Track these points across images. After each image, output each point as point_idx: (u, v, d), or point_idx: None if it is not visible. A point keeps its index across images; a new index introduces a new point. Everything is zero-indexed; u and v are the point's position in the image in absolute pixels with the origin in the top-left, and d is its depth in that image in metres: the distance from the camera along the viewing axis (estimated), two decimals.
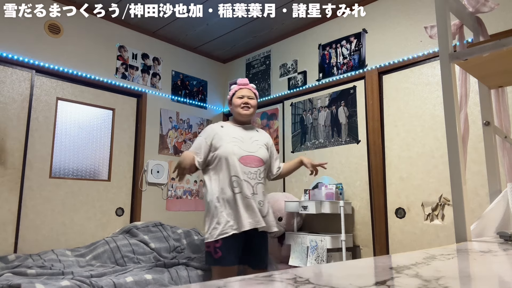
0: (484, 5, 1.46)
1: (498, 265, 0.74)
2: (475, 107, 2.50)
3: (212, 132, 2.36)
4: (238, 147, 2.28)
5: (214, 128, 2.39)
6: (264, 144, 2.41)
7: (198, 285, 0.46)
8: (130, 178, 3.70)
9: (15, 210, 2.96)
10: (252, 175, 2.25)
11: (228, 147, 2.26)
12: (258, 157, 2.31)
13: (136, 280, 2.27)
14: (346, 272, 0.60)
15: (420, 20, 2.98)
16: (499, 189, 1.48)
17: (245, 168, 2.24)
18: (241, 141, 2.31)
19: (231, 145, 2.27)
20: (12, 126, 3.02)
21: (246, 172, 2.24)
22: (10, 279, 2.07)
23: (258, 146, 2.36)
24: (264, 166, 2.34)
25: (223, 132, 2.34)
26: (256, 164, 2.29)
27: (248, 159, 2.27)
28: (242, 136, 2.35)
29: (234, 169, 2.22)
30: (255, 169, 2.27)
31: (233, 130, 2.38)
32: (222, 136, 2.31)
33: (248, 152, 2.28)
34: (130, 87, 3.75)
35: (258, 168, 2.29)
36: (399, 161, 3.01)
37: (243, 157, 2.25)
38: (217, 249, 2.17)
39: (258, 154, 2.32)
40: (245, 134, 2.38)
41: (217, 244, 2.17)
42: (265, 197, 2.35)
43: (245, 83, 2.48)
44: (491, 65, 1.26)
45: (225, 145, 2.27)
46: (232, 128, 2.40)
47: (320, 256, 2.92)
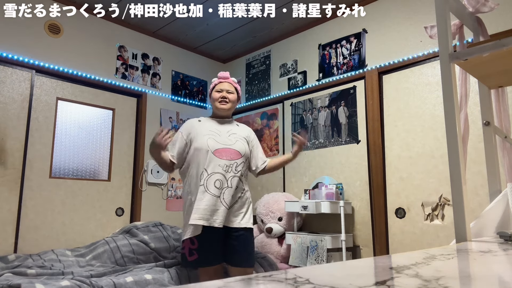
0: (484, 5, 1.46)
1: (498, 265, 0.74)
2: (475, 107, 2.50)
3: (190, 126, 2.31)
4: (213, 139, 2.21)
5: (192, 122, 2.35)
6: (243, 137, 2.33)
7: (198, 285, 0.46)
8: (130, 178, 3.70)
9: (15, 210, 2.96)
10: (227, 168, 2.17)
11: (203, 140, 2.20)
12: (234, 149, 2.23)
13: (136, 280, 2.27)
14: (346, 272, 0.60)
15: (420, 20, 2.98)
16: (499, 189, 1.48)
17: (220, 161, 2.16)
18: (218, 135, 2.25)
19: (206, 138, 2.21)
20: (12, 126, 3.02)
21: (221, 165, 2.16)
22: (10, 279, 2.07)
23: (236, 139, 2.28)
24: (241, 159, 2.25)
25: (201, 126, 2.29)
26: (231, 156, 2.20)
27: (224, 151, 2.19)
28: (219, 129, 2.29)
29: (206, 163, 2.16)
30: (231, 162, 2.19)
31: (211, 124, 2.33)
32: (199, 130, 2.26)
33: (223, 145, 2.21)
34: (130, 87, 3.75)
35: (234, 161, 2.20)
36: (399, 161, 3.01)
37: (217, 150, 2.18)
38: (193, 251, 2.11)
39: (234, 147, 2.24)
40: (223, 128, 2.31)
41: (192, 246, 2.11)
42: (243, 191, 2.26)
43: (225, 76, 2.41)
44: (491, 65, 1.26)
45: (200, 138, 2.22)
46: (210, 122, 2.35)
47: (320, 256, 2.92)
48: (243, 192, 2.26)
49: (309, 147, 3.64)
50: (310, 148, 3.63)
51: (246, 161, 2.30)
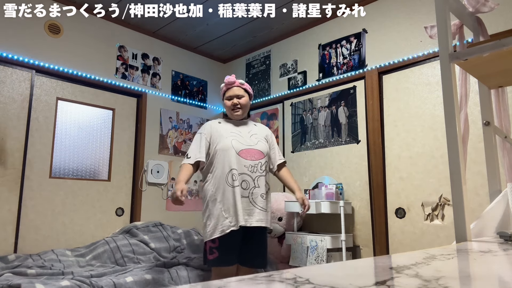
0: (484, 5, 1.46)
1: (498, 265, 0.74)
2: (475, 107, 2.50)
3: (210, 128, 2.35)
4: (237, 141, 2.26)
5: (212, 124, 2.39)
6: (263, 137, 2.39)
7: (198, 285, 0.46)
8: (130, 178, 3.70)
9: (15, 210, 2.96)
10: (253, 168, 2.23)
11: (227, 141, 2.24)
12: (258, 150, 2.28)
13: (136, 280, 2.27)
14: (346, 272, 0.60)
15: (420, 20, 2.98)
16: (499, 189, 1.48)
17: (245, 161, 2.21)
18: (240, 135, 2.30)
19: (230, 139, 2.25)
20: (12, 126, 3.02)
21: (246, 166, 2.21)
22: (10, 279, 2.07)
23: (257, 139, 2.33)
24: (265, 158, 2.31)
25: (221, 128, 2.34)
26: (256, 157, 2.26)
27: (248, 152, 2.24)
28: (240, 130, 2.34)
29: (233, 163, 2.19)
30: (256, 162, 2.24)
31: (230, 125, 2.37)
32: (221, 131, 2.30)
33: (247, 145, 2.26)
34: (130, 87, 3.75)
35: (259, 161, 2.26)
36: (399, 161, 3.01)
37: (242, 151, 2.23)
38: (213, 249, 2.13)
39: (257, 147, 2.29)
40: (243, 129, 2.36)
41: (214, 244, 2.13)
42: (268, 191, 2.31)
43: (231, 82, 2.39)
44: (491, 65, 1.26)
45: (224, 140, 2.25)
46: (229, 123, 2.39)
47: (320, 256, 2.92)
48: (268, 192, 2.30)
49: (309, 147, 3.64)
50: (310, 148, 3.63)
51: (268, 160, 2.36)
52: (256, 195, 2.20)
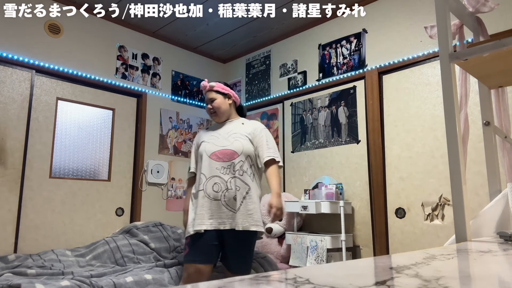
0: (484, 5, 1.46)
1: (498, 265, 0.74)
2: (475, 107, 2.50)
3: (198, 136, 2.40)
4: (212, 143, 2.23)
5: (200, 132, 2.43)
6: (245, 134, 2.23)
7: (198, 285, 0.46)
8: (130, 178, 3.70)
9: (15, 210, 2.96)
10: (225, 170, 2.14)
11: (202, 146, 2.25)
12: (231, 150, 2.16)
13: (136, 280, 2.27)
14: (346, 272, 0.60)
15: (420, 20, 2.98)
16: (499, 189, 1.48)
17: (216, 163, 2.15)
18: (217, 138, 2.25)
19: (205, 144, 2.24)
20: (12, 126, 3.02)
21: (218, 168, 2.14)
22: (10, 279, 2.07)
23: (235, 138, 2.21)
24: (239, 158, 2.15)
25: (205, 134, 2.34)
26: (228, 157, 2.15)
27: (220, 153, 2.17)
28: (220, 132, 2.29)
29: (203, 168, 2.18)
30: (228, 163, 2.15)
31: (215, 128, 2.35)
32: (202, 137, 2.32)
33: (220, 146, 2.19)
34: (130, 87, 3.75)
35: (231, 162, 2.15)
36: (399, 161, 3.01)
37: (214, 153, 2.18)
38: (186, 246, 2.17)
39: (231, 147, 2.17)
40: (224, 130, 2.30)
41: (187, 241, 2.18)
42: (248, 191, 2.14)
43: (203, 87, 2.35)
44: (491, 65, 1.26)
45: (202, 145, 2.26)
46: (215, 127, 2.37)
47: (320, 256, 2.92)
48: (247, 193, 2.15)
49: (309, 147, 3.64)
50: (310, 148, 3.63)
51: (247, 159, 2.18)
52: (228, 198, 2.11)
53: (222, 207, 2.11)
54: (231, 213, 2.11)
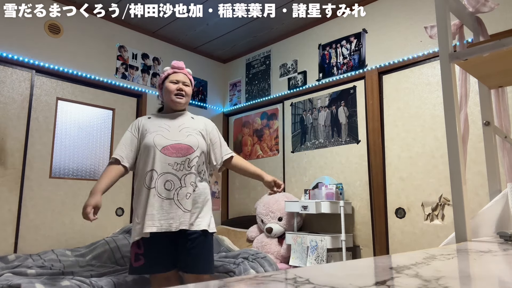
0: (484, 5, 1.46)
1: (498, 265, 0.74)
2: (475, 107, 2.50)
3: (139, 124, 2.10)
4: (162, 136, 2.00)
5: (140, 119, 2.14)
6: (198, 130, 2.10)
7: (198, 285, 0.46)
8: (130, 178, 3.70)
9: (15, 210, 2.96)
10: (179, 166, 1.96)
11: (150, 138, 1.99)
12: (185, 144, 2.00)
13: (136, 280, 2.27)
14: (346, 272, 0.60)
15: (420, 20, 2.98)
16: (499, 189, 1.48)
17: (169, 159, 1.95)
18: (167, 131, 2.03)
19: (153, 135, 2.00)
20: (12, 126, 3.02)
21: (171, 164, 1.95)
22: (10, 279, 2.07)
23: (188, 132, 2.05)
24: (195, 153, 2.01)
25: (149, 123, 2.08)
26: (182, 153, 1.98)
27: (173, 148, 1.97)
28: (170, 125, 2.07)
29: (153, 163, 1.95)
30: (183, 159, 1.97)
31: (161, 120, 2.10)
32: (148, 127, 2.05)
33: (173, 140, 1.99)
34: (130, 87, 3.75)
35: (186, 157, 1.98)
36: (399, 161, 3.01)
37: (166, 147, 1.97)
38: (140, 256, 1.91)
39: (186, 141, 2.01)
40: (174, 123, 2.09)
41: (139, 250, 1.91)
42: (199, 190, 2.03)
43: (180, 66, 2.16)
44: (491, 65, 1.26)
45: (148, 136, 2.01)
46: (160, 118, 2.12)
47: (320, 256, 2.92)
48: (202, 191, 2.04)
49: (309, 147, 3.64)
50: (310, 148, 3.63)
51: (201, 155, 2.05)
52: (181, 196, 1.93)
53: (174, 206, 1.92)
54: (184, 213, 1.93)
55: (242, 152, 4.26)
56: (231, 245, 3.19)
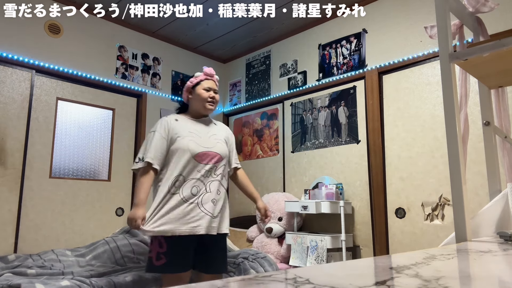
0: (484, 5, 1.46)
1: (498, 265, 0.74)
2: (475, 107, 2.50)
3: (167, 125, 2.10)
4: (195, 142, 2.06)
5: (168, 121, 2.12)
6: (223, 138, 2.20)
7: (198, 285, 0.46)
8: (130, 178, 3.70)
9: (15, 210, 2.96)
10: (207, 173, 2.05)
11: (184, 143, 2.04)
12: (216, 152, 2.09)
13: (136, 280, 2.27)
14: (346, 272, 0.60)
15: (420, 20, 2.98)
16: (499, 189, 1.48)
17: (200, 165, 2.03)
18: (199, 137, 2.09)
19: (187, 141, 2.04)
20: (12, 126, 3.02)
21: (199, 170, 2.03)
22: (10, 279, 2.07)
23: (216, 140, 2.14)
24: (222, 161, 2.13)
25: (178, 126, 2.10)
26: (213, 160, 2.07)
27: (205, 155, 2.05)
28: (199, 130, 2.13)
29: (184, 168, 2.01)
30: (211, 166, 2.06)
31: (189, 123, 2.15)
32: (178, 130, 2.08)
33: (204, 147, 2.07)
34: (130, 87, 3.75)
35: (214, 165, 2.07)
36: (399, 161, 3.01)
37: (198, 154, 2.04)
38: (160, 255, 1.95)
39: (216, 150, 2.10)
40: (202, 128, 2.16)
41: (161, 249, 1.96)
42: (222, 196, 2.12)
43: (212, 73, 2.22)
44: (491, 65, 1.26)
45: (181, 141, 2.04)
46: (188, 121, 2.16)
47: (320, 256, 2.92)
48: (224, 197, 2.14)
49: (309, 147, 3.64)
50: (310, 148, 3.63)
51: (226, 163, 2.18)
52: (206, 201, 2.02)
53: (199, 210, 1.99)
54: (209, 217, 2.01)
55: (242, 152, 4.26)
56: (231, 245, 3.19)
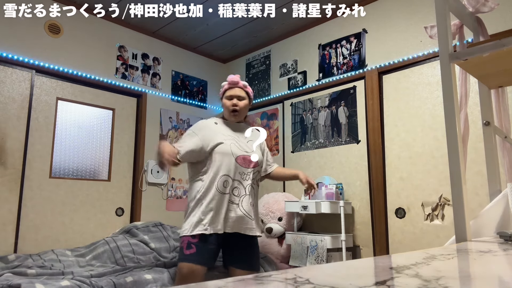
0: (484, 5, 1.46)
1: (498, 265, 0.74)
2: (475, 107, 2.50)
3: (206, 127, 2.22)
4: (235, 145, 2.17)
5: (207, 124, 2.25)
6: (258, 144, 2.31)
7: (198, 285, 0.46)
8: (130, 178, 3.70)
9: (15, 210, 2.96)
10: (245, 176, 2.16)
11: (226, 145, 2.15)
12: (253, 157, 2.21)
13: (136, 280, 2.27)
14: (346, 272, 0.60)
15: (420, 20, 2.98)
16: (499, 189, 1.48)
17: (241, 168, 2.15)
18: (236, 140, 2.20)
19: (229, 143, 2.15)
20: (12, 126, 3.02)
21: (240, 173, 2.14)
22: (10, 279, 2.07)
23: (253, 146, 2.26)
24: (258, 168, 2.25)
25: (217, 129, 2.21)
26: (251, 165, 2.19)
27: (244, 159, 2.17)
28: (237, 134, 2.25)
29: (228, 169, 2.11)
30: (249, 170, 2.18)
31: (227, 127, 2.25)
32: (218, 133, 2.18)
33: (243, 151, 2.18)
34: (130, 87, 3.75)
35: (251, 169, 2.19)
36: (399, 161, 3.01)
37: (239, 157, 2.15)
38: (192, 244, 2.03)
39: (253, 155, 2.22)
40: (240, 134, 2.27)
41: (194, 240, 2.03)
42: (256, 199, 2.27)
43: (235, 81, 2.26)
44: (491, 65, 1.26)
45: (222, 143, 2.15)
46: (226, 125, 2.27)
47: (320, 256, 2.92)
48: (256, 200, 2.26)
49: (309, 147, 3.64)
50: (310, 148, 3.63)
51: (260, 168, 2.30)
52: (245, 203, 2.14)
53: (239, 211, 2.11)
54: (247, 219, 2.14)
55: None
56: None
